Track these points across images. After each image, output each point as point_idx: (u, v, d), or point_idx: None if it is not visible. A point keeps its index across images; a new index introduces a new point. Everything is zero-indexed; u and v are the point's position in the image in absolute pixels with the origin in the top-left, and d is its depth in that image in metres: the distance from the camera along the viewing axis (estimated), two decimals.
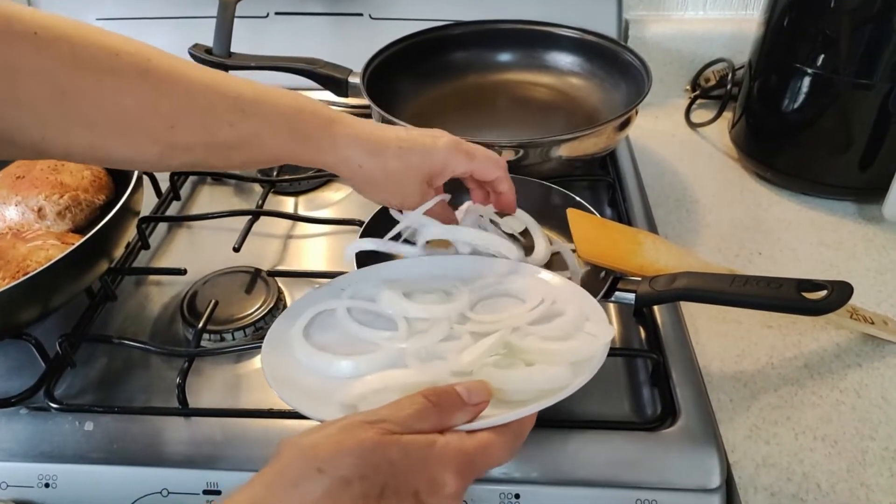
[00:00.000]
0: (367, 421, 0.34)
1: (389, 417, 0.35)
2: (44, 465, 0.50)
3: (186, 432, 0.51)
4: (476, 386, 0.38)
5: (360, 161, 0.49)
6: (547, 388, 0.40)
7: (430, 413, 0.36)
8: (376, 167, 0.49)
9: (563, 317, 0.46)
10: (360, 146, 0.48)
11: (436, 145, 0.50)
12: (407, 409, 0.36)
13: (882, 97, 0.68)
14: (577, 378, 0.39)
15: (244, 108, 0.44)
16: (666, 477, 0.47)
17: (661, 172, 0.83)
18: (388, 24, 0.94)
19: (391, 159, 0.49)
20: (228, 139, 0.44)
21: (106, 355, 0.58)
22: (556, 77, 0.89)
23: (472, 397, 0.38)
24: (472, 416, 0.37)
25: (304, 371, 0.44)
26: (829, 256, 0.69)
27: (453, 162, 0.51)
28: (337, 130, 0.48)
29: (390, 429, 0.34)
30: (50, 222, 0.64)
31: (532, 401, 0.38)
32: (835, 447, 0.50)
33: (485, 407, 0.38)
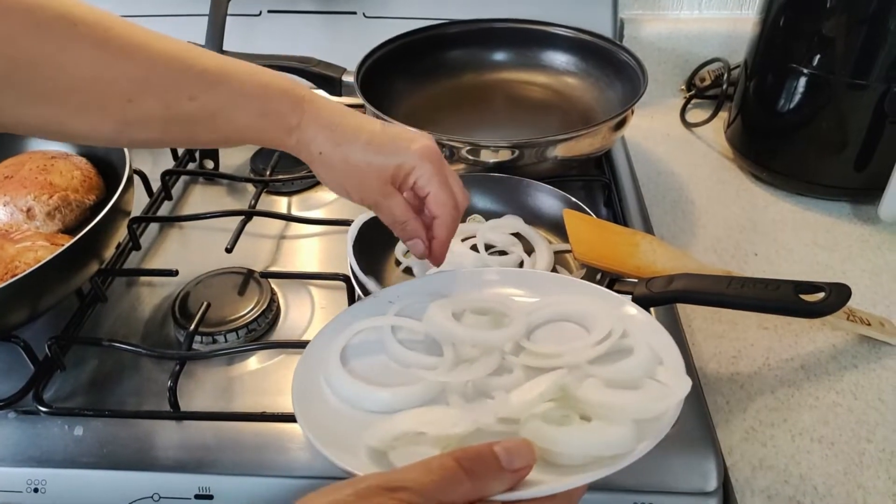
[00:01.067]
0: (388, 488, 0.30)
1: (412, 485, 0.30)
2: (33, 470, 0.49)
3: (178, 436, 0.50)
4: (518, 447, 0.32)
5: (321, 148, 0.46)
6: (603, 453, 0.34)
7: (461, 480, 0.30)
8: (337, 157, 0.46)
9: (631, 357, 0.40)
10: (324, 133, 0.46)
11: (408, 149, 0.46)
12: (434, 474, 0.30)
13: (877, 98, 0.68)
14: (641, 444, 0.34)
15: (207, 81, 0.42)
16: (663, 480, 0.47)
17: (657, 172, 0.83)
18: (383, 22, 0.93)
19: (355, 153, 0.46)
20: (189, 114, 0.42)
21: (96, 358, 0.58)
22: (551, 76, 0.89)
23: (513, 462, 0.32)
24: (510, 485, 0.32)
25: (336, 401, 0.40)
26: (824, 257, 0.68)
27: (419, 169, 0.46)
28: (304, 112, 0.45)
29: (411, 500, 0.29)
30: (39, 223, 0.63)
31: (584, 467, 0.33)
32: (832, 449, 0.50)
33: (526, 473, 0.32)
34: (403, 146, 0.46)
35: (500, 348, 0.43)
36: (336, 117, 0.46)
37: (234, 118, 0.44)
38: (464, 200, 0.49)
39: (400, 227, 0.48)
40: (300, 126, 0.45)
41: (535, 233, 0.64)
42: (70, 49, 0.38)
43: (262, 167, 0.80)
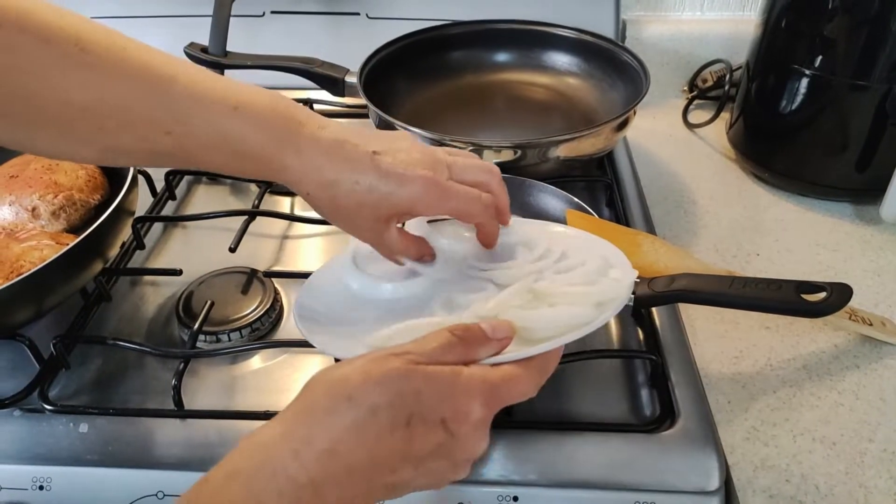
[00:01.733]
0: (395, 353, 0.35)
1: (415, 350, 0.36)
2: (38, 468, 0.49)
3: (182, 434, 0.50)
4: (500, 323, 0.39)
5: (308, 189, 0.44)
6: (571, 325, 0.40)
7: (456, 346, 0.37)
8: (325, 198, 0.44)
9: (585, 266, 0.46)
10: (310, 173, 0.43)
11: (403, 184, 0.43)
12: (432, 342, 0.37)
13: (879, 98, 0.68)
14: (602, 314, 0.41)
15: (182, 116, 0.40)
16: (664, 479, 0.47)
17: (659, 173, 0.83)
18: (385, 23, 0.94)
19: (343, 195, 0.43)
20: (167, 149, 0.41)
21: (101, 356, 0.58)
22: (553, 77, 0.89)
23: (496, 332, 0.39)
24: (496, 350, 0.38)
25: (334, 322, 0.46)
26: (826, 257, 0.69)
27: (421, 205, 0.44)
28: (287, 151, 0.42)
29: (416, 360, 0.35)
30: (44, 222, 0.63)
31: (555, 337, 0.39)
32: (833, 449, 0.50)
33: (508, 342, 0.39)
34: (396, 184, 0.43)
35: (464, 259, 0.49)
36: (323, 155, 0.43)
37: (210, 157, 0.42)
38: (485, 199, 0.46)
39: (402, 256, 0.48)
40: (284, 167, 0.43)
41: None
42: (41, 68, 0.36)
43: None
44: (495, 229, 0.48)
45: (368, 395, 0.34)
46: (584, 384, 0.54)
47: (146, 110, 0.39)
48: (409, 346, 0.37)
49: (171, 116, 0.40)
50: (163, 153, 0.41)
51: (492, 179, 0.47)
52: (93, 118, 0.38)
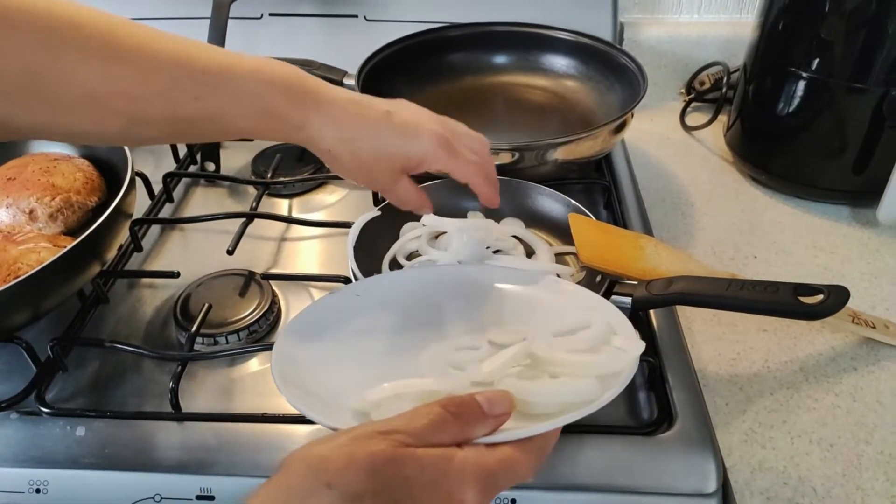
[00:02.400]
0: (380, 431, 0.32)
1: (404, 428, 0.33)
2: (35, 471, 0.49)
3: (179, 437, 0.50)
4: (498, 396, 0.36)
5: (328, 145, 0.47)
6: (573, 402, 0.38)
7: (449, 424, 0.34)
8: (346, 153, 0.47)
9: (589, 329, 0.44)
10: (330, 130, 0.46)
11: (417, 137, 0.48)
12: (423, 419, 0.33)
13: (876, 101, 0.68)
14: (606, 392, 0.37)
15: (210, 82, 0.42)
16: (662, 481, 0.47)
17: (657, 175, 0.83)
18: (384, 25, 0.94)
19: (362, 149, 0.47)
20: (194, 114, 0.43)
21: (98, 359, 0.58)
22: (551, 79, 0.89)
23: (494, 408, 0.35)
24: (492, 428, 0.35)
25: (316, 376, 0.42)
26: (823, 260, 0.69)
27: (431, 158, 0.49)
28: (309, 110, 0.46)
29: (405, 441, 0.32)
30: (41, 224, 0.63)
31: (557, 414, 0.36)
32: (830, 451, 0.50)
33: (506, 419, 0.35)
34: (410, 138, 0.48)
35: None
36: (341, 112, 0.46)
37: (238, 118, 0.44)
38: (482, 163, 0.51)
39: (413, 206, 0.52)
40: (305, 125, 0.46)
41: (534, 236, 0.64)
42: (75, 56, 0.38)
43: (264, 169, 0.80)
44: (491, 191, 0.53)
45: (351, 483, 0.30)
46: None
47: (175, 81, 0.41)
48: (398, 423, 0.33)
49: (197, 83, 0.42)
50: (190, 120, 0.43)
51: (483, 149, 0.53)
52: (122, 93, 0.40)
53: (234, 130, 0.45)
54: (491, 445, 0.34)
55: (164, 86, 0.41)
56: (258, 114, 0.45)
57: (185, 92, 0.42)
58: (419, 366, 0.43)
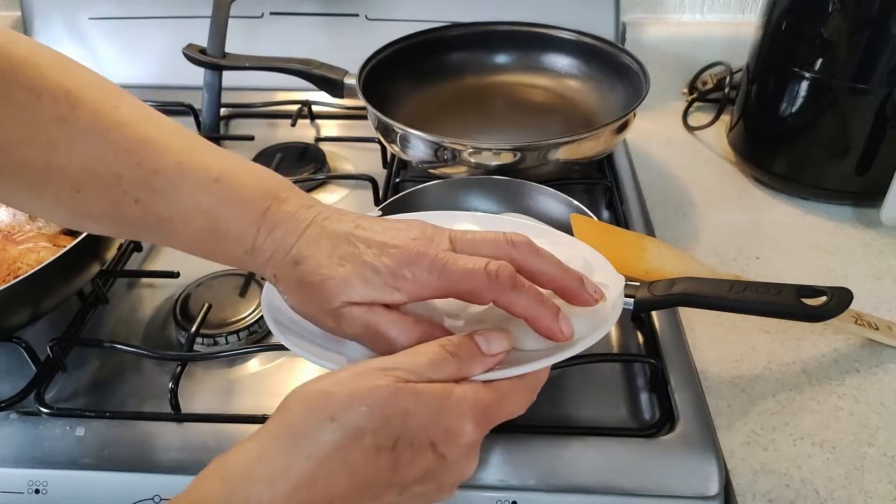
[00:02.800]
0: (382, 368, 0.33)
1: (405, 365, 0.34)
2: (34, 471, 0.49)
3: (179, 438, 0.50)
4: (494, 335, 0.36)
5: (274, 272, 0.39)
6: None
7: (447, 362, 0.34)
8: (291, 280, 0.39)
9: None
10: (278, 255, 0.38)
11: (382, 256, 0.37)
12: (423, 356, 0.34)
13: (880, 102, 0.68)
14: (595, 331, 0.39)
15: (157, 185, 0.37)
16: (664, 484, 0.46)
17: (659, 176, 0.83)
18: (385, 24, 0.94)
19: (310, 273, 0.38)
20: (136, 218, 0.38)
21: (97, 359, 0.58)
22: (553, 79, 0.89)
23: (491, 347, 0.36)
24: (489, 366, 0.36)
25: None
26: (826, 261, 0.68)
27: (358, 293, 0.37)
28: (262, 230, 0.38)
29: (405, 377, 0.33)
30: (41, 224, 0.63)
31: (548, 353, 0.38)
32: (833, 453, 0.49)
33: (502, 357, 0.36)
34: None
35: None
36: (297, 230, 0.38)
37: (180, 232, 0.39)
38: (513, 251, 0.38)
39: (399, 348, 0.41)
40: (255, 248, 0.39)
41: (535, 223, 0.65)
42: (28, 122, 0.35)
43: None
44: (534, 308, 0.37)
45: (353, 417, 0.31)
46: (583, 388, 0.54)
47: (121, 174, 0.37)
48: (399, 360, 0.34)
49: (144, 183, 0.37)
50: (131, 222, 0.39)
51: (513, 251, 0.38)
52: (70, 178, 0.37)
53: (177, 243, 0.40)
54: (487, 382, 0.36)
55: (107, 180, 0.37)
56: (202, 232, 0.39)
57: (126, 191, 0.37)
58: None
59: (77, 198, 0.37)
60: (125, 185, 0.37)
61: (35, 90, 0.35)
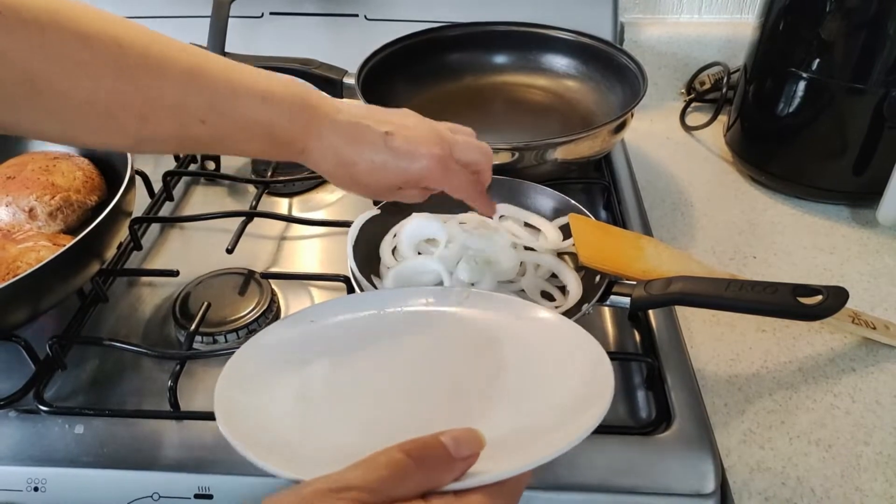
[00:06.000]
0: (332, 489, 0.28)
1: (360, 483, 0.28)
2: (33, 469, 0.49)
3: (178, 436, 0.50)
4: (465, 435, 0.32)
5: (328, 168, 0.49)
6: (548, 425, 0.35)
7: (411, 473, 0.29)
8: (344, 175, 0.49)
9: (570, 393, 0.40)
10: (330, 155, 0.48)
11: (414, 160, 0.49)
12: (382, 470, 0.29)
13: (876, 102, 0.68)
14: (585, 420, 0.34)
15: (217, 107, 0.42)
16: (661, 481, 0.47)
17: (657, 175, 0.83)
18: (384, 25, 0.94)
19: (361, 172, 0.49)
20: (201, 136, 0.43)
21: (97, 357, 0.58)
22: (551, 79, 0.89)
23: (461, 449, 0.31)
24: (460, 472, 0.31)
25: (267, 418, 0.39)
26: (823, 260, 0.69)
27: (427, 179, 0.50)
28: (311, 135, 0.47)
29: (361, 499, 0.28)
30: (41, 223, 0.63)
31: (529, 454, 0.33)
32: (829, 452, 0.50)
33: (475, 461, 0.31)
34: (407, 161, 0.48)
35: None
36: (342, 137, 0.48)
37: (243, 143, 0.45)
38: (482, 159, 0.53)
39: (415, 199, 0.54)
40: (306, 149, 0.47)
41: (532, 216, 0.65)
42: (79, 70, 0.37)
43: (264, 168, 0.80)
44: (483, 204, 0.55)
45: None
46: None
47: (183, 102, 0.41)
48: (353, 477, 0.29)
49: (205, 106, 0.42)
50: (196, 140, 0.44)
51: (483, 160, 0.53)
52: (131, 112, 0.40)
53: (239, 151, 0.48)
54: (460, 493, 0.30)
55: (172, 108, 0.41)
56: (263, 139, 0.45)
57: (191, 115, 0.42)
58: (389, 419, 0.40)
59: (143, 125, 0.41)
60: (189, 110, 0.42)
61: (83, 34, 0.37)
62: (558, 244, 0.62)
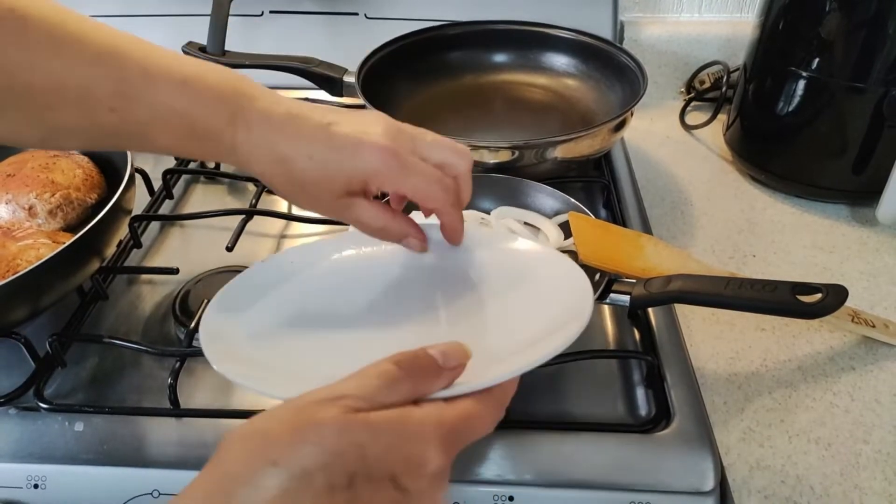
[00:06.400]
0: (327, 398, 0.29)
1: (353, 391, 0.30)
2: (33, 466, 0.49)
3: (178, 433, 0.50)
4: (451, 348, 0.33)
5: (261, 168, 0.42)
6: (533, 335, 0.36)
7: (401, 382, 0.31)
8: (279, 175, 0.42)
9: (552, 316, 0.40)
10: (262, 151, 0.41)
11: (357, 153, 0.41)
12: (373, 379, 0.31)
13: (876, 101, 0.68)
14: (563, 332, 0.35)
15: (129, 93, 0.38)
16: (660, 479, 0.47)
17: (656, 174, 0.83)
18: (384, 23, 0.94)
19: (297, 170, 0.41)
20: (111, 126, 0.39)
21: (97, 355, 0.58)
22: (551, 78, 0.89)
23: (448, 360, 0.33)
24: (448, 381, 0.33)
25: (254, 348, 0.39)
26: (822, 259, 0.69)
27: (376, 177, 0.41)
28: (238, 128, 0.41)
29: (355, 405, 0.29)
30: (41, 221, 0.63)
31: (514, 362, 0.34)
32: (828, 450, 0.50)
33: (462, 371, 0.33)
34: (349, 154, 0.41)
35: None
36: (275, 130, 0.41)
37: (160, 136, 0.40)
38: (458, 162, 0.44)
39: (380, 234, 0.45)
40: (235, 146, 0.41)
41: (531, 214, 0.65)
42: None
43: None
44: (457, 222, 0.45)
45: (298, 458, 0.27)
46: (579, 384, 0.54)
47: (90, 86, 0.37)
48: (346, 387, 0.30)
49: (116, 92, 0.38)
50: (109, 131, 0.39)
51: (460, 163, 0.44)
52: (37, 97, 0.36)
53: (156, 147, 0.41)
54: (449, 399, 0.32)
55: (79, 92, 0.37)
56: (180, 131, 0.40)
57: (100, 101, 0.38)
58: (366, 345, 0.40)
59: (49, 115, 0.37)
60: (98, 97, 0.37)
61: None
62: (558, 242, 0.62)
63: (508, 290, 0.44)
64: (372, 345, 0.40)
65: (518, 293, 0.44)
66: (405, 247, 0.47)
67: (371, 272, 0.47)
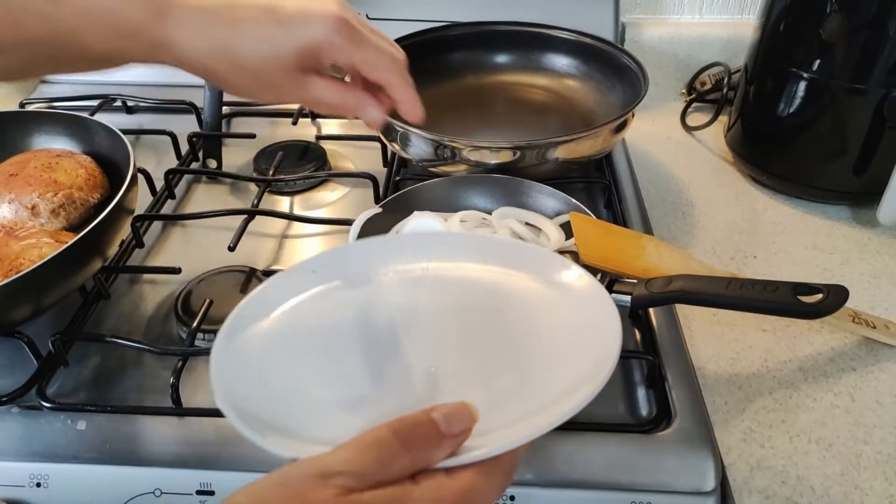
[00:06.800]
0: (320, 475, 0.27)
1: (347, 468, 0.27)
2: (35, 465, 0.50)
3: (180, 432, 0.50)
4: (456, 411, 0.30)
5: (201, 59, 0.40)
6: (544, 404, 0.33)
7: (400, 455, 0.28)
8: (222, 63, 0.40)
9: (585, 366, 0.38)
10: (198, 41, 0.39)
11: (306, 23, 0.39)
12: (370, 452, 0.28)
13: (877, 102, 0.68)
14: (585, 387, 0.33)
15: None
16: (661, 479, 0.47)
17: (657, 175, 0.83)
18: (385, 24, 0.93)
19: (241, 53, 0.39)
20: (42, 36, 0.37)
21: (99, 354, 0.58)
22: (552, 79, 0.89)
23: (452, 426, 0.30)
24: (452, 450, 0.30)
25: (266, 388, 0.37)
26: (823, 260, 0.69)
27: (327, 45, 0.40)
28: (169, 21, 0.38)
29: (348, 485, 0.27)
30: (44, 220, 0.63)
31: (525, 427, 0.31)
32: (829, 450, 0.50)
33: (467, 437, 0.30)
34: (297, 26, 0.39)
35: None
36: (210, 18, 0.39)
37: (91, 39, 0.38)
38: (398, 55, 0.44)
39: (338, 109, 0.44)
40: (168, 40, 0.39)
41: (532, 214, 0.65)
42: None
43: (265, 167, 0.81)
44: (414, 95, 0.44)
45: None
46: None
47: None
48: (340, 460, 0.28)
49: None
50: (39, 41, 0.38)
51: (395, 50, 0.44)
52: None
53: (92, 56, 0.39)
54: (451, 471, 0.29)
55: (5, 2, 0.36)
56: (113, 32, 0.38)
57: (28, 8, 0.36)
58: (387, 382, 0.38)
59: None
60: (22, 3, 0.36)
61: None
62: (559, 243, 0.62)
63: (544, 330, 0.40)
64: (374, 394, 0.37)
65: (553, 338, 0.40)
66: (363, 118, 0.44)
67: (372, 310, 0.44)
